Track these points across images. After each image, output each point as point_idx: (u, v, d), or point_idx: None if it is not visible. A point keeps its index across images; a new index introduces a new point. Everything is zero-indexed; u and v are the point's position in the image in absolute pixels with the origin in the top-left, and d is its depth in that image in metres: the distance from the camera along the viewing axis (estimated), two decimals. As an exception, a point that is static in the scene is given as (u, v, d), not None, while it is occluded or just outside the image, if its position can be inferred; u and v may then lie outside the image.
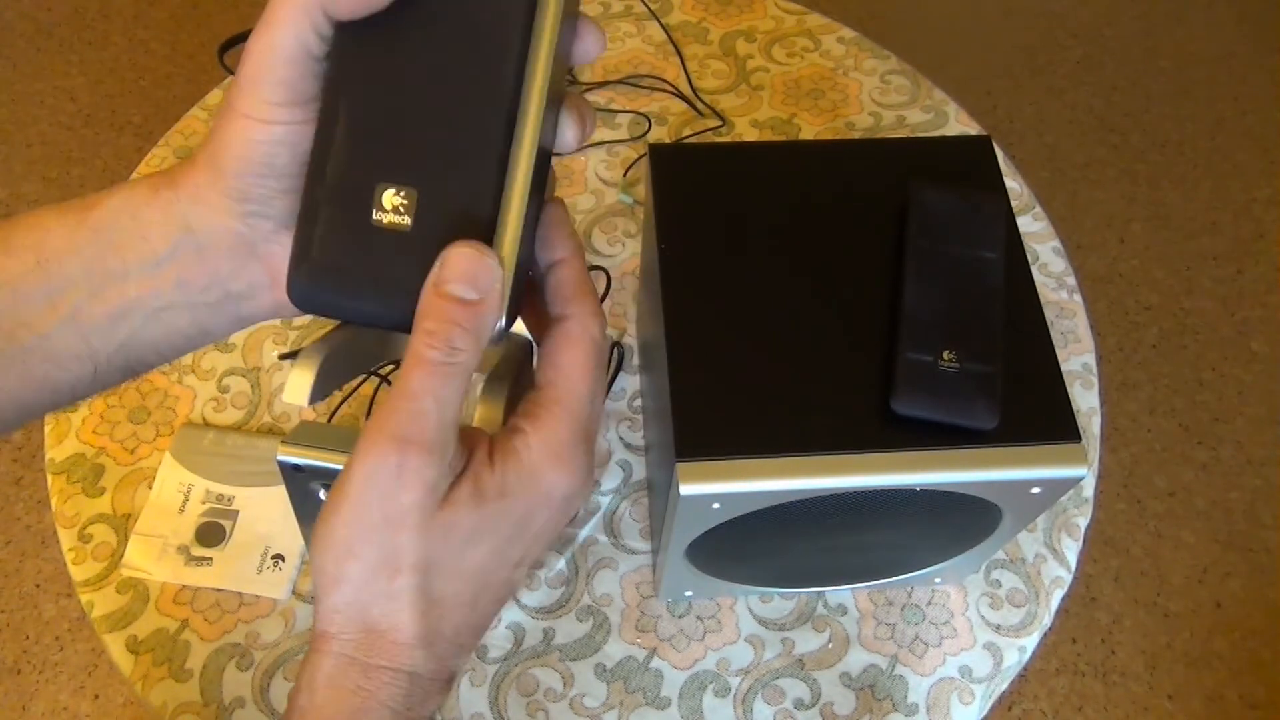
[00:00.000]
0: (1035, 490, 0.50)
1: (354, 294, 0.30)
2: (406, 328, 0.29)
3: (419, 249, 0.29)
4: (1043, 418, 0.50)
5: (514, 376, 0.35)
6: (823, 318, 0.52)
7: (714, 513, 0.50)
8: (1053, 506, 0.70)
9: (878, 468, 0.48)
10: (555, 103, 0.31)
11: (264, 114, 0.30)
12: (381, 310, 0.30)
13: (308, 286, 0.30)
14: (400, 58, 0.29)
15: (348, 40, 0.30)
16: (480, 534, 0.30)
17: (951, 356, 0.50)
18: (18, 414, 0.34)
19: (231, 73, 0.90)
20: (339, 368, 0.33)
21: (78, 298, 0.32)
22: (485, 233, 0.29)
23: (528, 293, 0.34)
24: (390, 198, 0.29)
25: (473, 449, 0.31)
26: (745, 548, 0.58)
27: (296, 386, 0.31)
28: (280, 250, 0.33)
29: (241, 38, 0.93)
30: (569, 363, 0.32)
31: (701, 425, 0.48)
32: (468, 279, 0.28)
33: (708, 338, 0.51)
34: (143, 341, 0.34)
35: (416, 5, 0.29)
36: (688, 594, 0.67)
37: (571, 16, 0.31)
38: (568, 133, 0.32)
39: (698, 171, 0.57)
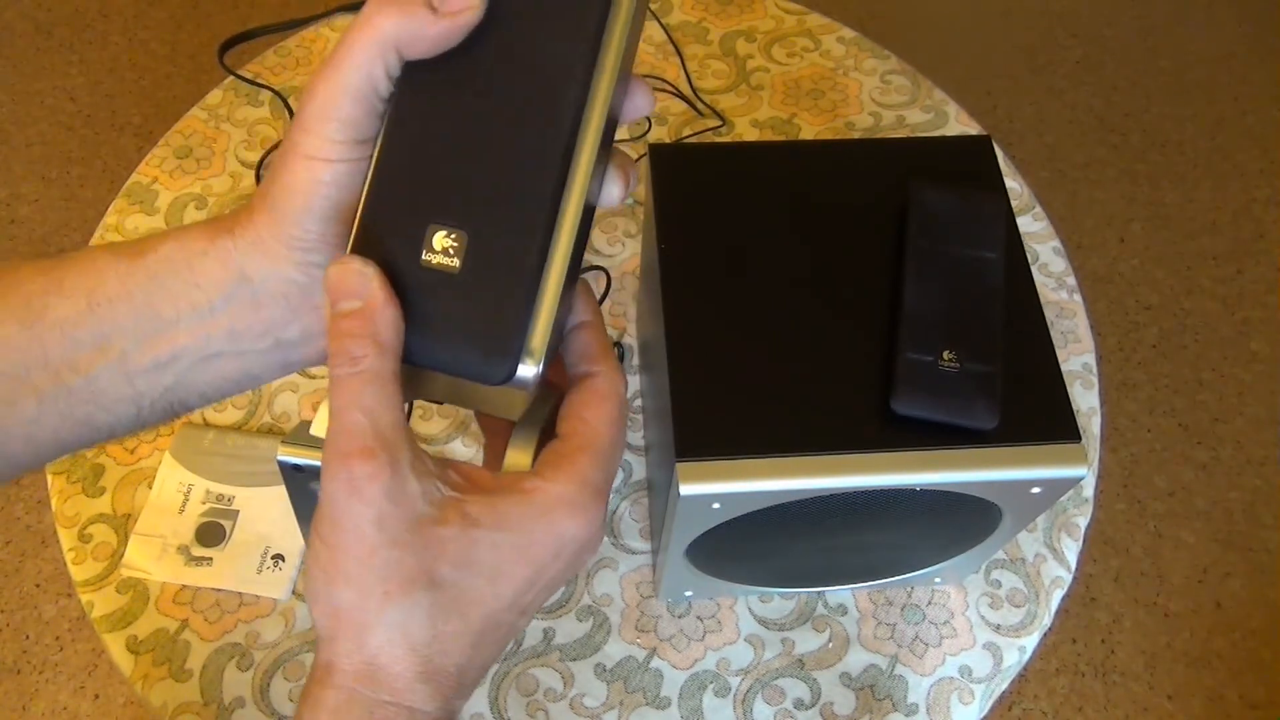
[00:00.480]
0: (1035, 490, 0.50)
1: (408, 339, 0.30)
2: (445, 370, 0.30)
3: (465, 292, 0.29)
4: (1043, 418, 0.50)
5: (544, 424, 0.35)
6: (823, 318, 0.52)
7: (714, 513, 0.50)
8: (1053, 506, 0.70)
9: (878, 468, 0.48)
10: (604, 158, 0.32)
11: (328, 152, 0.30)
12: (424, 349, 0.30)
13: None
14: (459, 99, 0.30)
15: (409, 76, 0.30)
16: (478, 563, 0.30)
17: (951, 356, 0.50)
18: (55, 450, 0.34)
19: (232, 73, 0.90)
20: None
21: (126, 343, 0.32)
22: (531, 281, 0.29)
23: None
24: (441, 239, 0.29)
25: (467, 475, 0.31)
26: (745, 548, 0.58)
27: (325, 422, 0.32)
28: None
29: (242, 38, 0.93)
30: (596, 417, 0.32)
31: (701, 425, 0.48)
32: (342, 292, 0.29)
33: (708, 338, 0.51)
34: (188, 386, 0.33)
35: (480, 46, 0.30)
36: (688, 594, 0.67)
37: (626, 73, 0.31)
38: (613, 189, 0.33)
39: (698, 171, 0.57)
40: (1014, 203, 0.85)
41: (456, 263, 0.29)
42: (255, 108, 0.90)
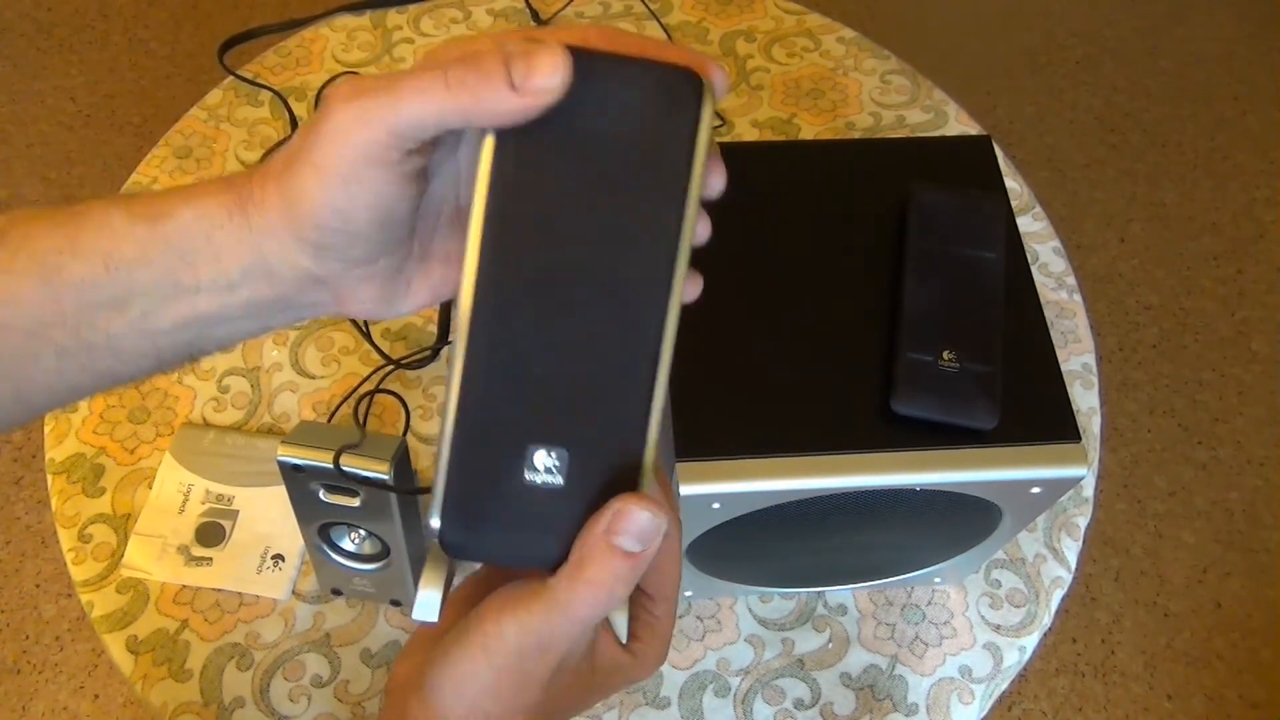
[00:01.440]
0: (1035, 490, 0.50)
1: (507, 543, 0.31)
2: (551, 568, 0.31)
3: (570, 503, 0.30)
4: (1043, 418, 0.50)
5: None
6: (823, 318, 0.52)
7: (714, 513, 0.50)
8: (1053, 506, 0.70)
9: (878, 468, 0.48)
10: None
11: (343, 170, 0.29)
12: (533, 557, 0.31)
13: (464, 538, 0.31)
14: (544, 294, 0.29)
15: (491, 219, 0.29)
16: (595, 689, 0.35)
17: (951, 356, 0.50)
18: (74, 397, 0.35)
19: (232, 73, 0.90)
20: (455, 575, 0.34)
21: (146, 305, 0.32)
22: (634, 479, 0.30)
23: None
24: (542, 458, 0.30)
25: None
26: (745, 548, 0.58)
27: (427, 604, 0.32)
28: (347, 281, 0.33)
29: (242, 38, 0.93)
30: (669, 572, 0.35)
31: (701, 425, 0.48)
32: (637, 534, 0.30)
33: (708, 338, 0.51)
34: (207, 339, 0.34)
35: (562, 212, 0.29)
36: (688, 594, 0.67)
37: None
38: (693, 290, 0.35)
39: (698, 171, 0.57)
40: (1014, 203, 0.85)
41: (560, 480, 0.30)
42: (255, 108, 0.90)
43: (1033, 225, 0.86)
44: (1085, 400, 0.77)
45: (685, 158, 0.29)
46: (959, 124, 0.91)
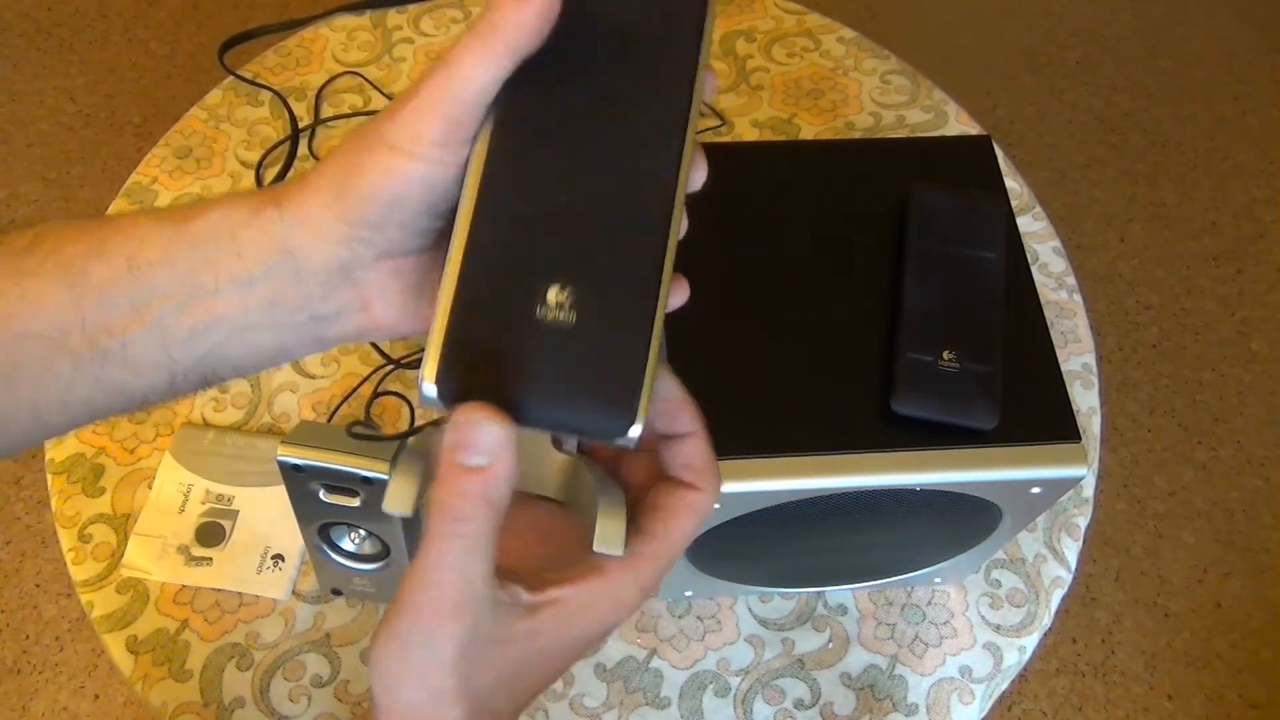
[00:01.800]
0: (1035, 490, 0.50)
1: (513, 390, 0.28)
2: (565, 429, 0.29)
3: (583, 348, 0.28)
4: (1043, 418, 0.50)
5: (591, 496, 0.34)
6: (823, 318, 0.52)
7: (714, 513, 0.50)
8: (1053, 506, 0.70)
9: (878, 468, 0.48)
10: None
11: (418, 150, 0.29)
12: (543, 411, 0.29)
13: (465, 378, 0.29)
14: (556, 137, 0.29)
15: (501, 103, 0.29)
16: (531, 669, 0.32)
17: (951, 356, 0.50)
18: (89, 416, 0.34)
19: (232, 73, 0.90)
20: (432, 470, 0.33)
21: (164, 308, 0.32)
22: (647, 333, 0.29)
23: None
24: (555, 294, 0.28)
25: (542, 582, 0.31)
26: (745, 548, 0.58)
27: (399, 495, 0.30)
28: (375, 278, 0.33)
29: (242, 38, 0.93)
30: (681, 529, 0.33)
31: (701, 425, 0.48)
32: (471, 446, 0.28)
33: (708, 338, 0.51)
34: (222, 356, 0.33)
35: (573, 67, 0.30)
36: (688, 594, 0.67)
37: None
38: (697, 177, 0.33)
39: (698, 171, 0.57)
40: (1014, 203, 0.85)
41: (573, 317, 0.28)
42: (255, 108, 0.90)
43: (1033, 225, 0.86)
44: (1085, 400, 0.77)
45: (695, 17, 0.30)
46: (959, 124, 0.91)
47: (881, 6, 2.02)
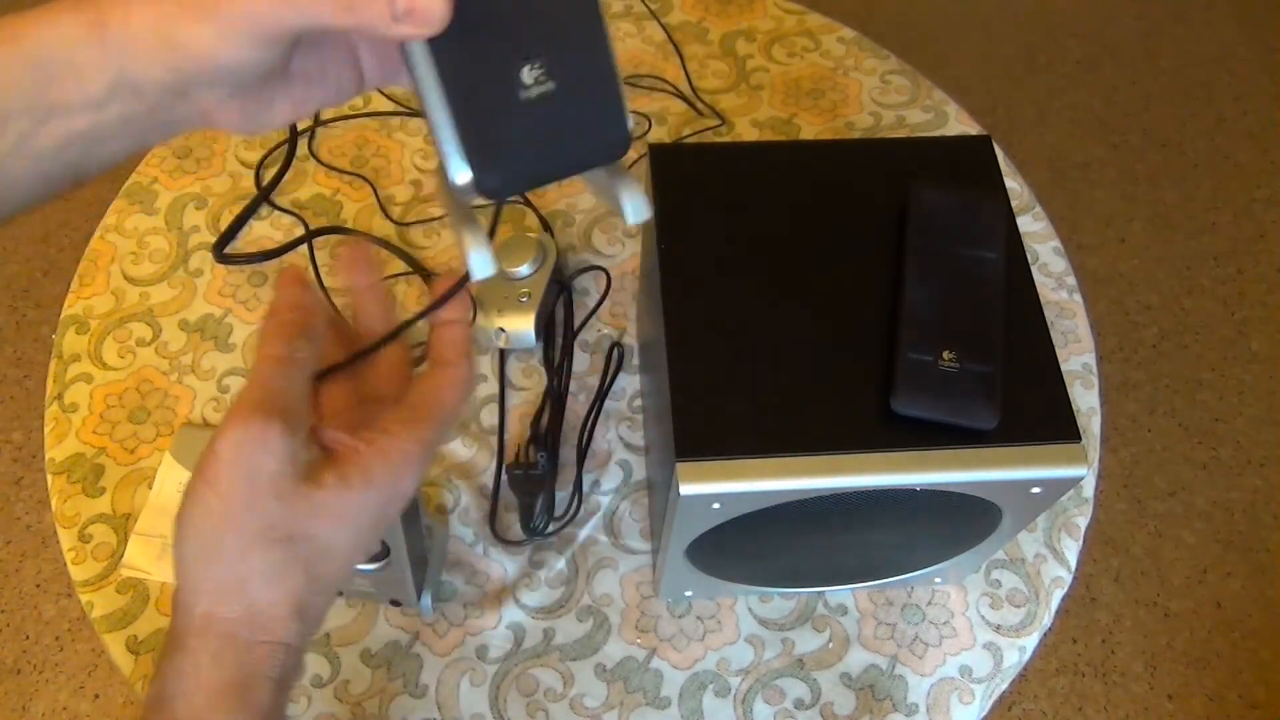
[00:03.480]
0: (1035, 490, 0.50)
1: (539, 160, 0.34)
2: (578, 167, 0.35)
3: (568, 100, 0.33)
4: (1043, 418, 0.50)
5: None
6: (823, 318, 0.52)
7: (714, 513, 0.50)
8: (1053, 506, 0.70)
9: (878, 468, 0.48)
10: None
11: (234, 37, 0.30)
12: (556, 161, 0.34)
13: (498, 173, 0.33)
14: None
15: None
16: (349, 518, 0.35)
17: (951, 356, 0.50)
18: None
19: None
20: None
21: (22, 127, 0.32)
22: (609, 69, 0.33)
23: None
24: (529, 73, 0.32)
25: (333, 442, 0.36)
26: (745, 548, 0.58)
27: (483, 259, 0.34)
28: (213, 99, 0.33)
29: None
30: (448, 399, 0.38)
31: (701, 425, 0.48)
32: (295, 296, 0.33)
33: (708, 338, 0.51)
34: (90, 159, 0.35)
35: None
36: (688, 594, 0.67)
37: None
38: None
39: (698, 172, 0.57)
40: (1014, 203, 0.85)
41: (552, 85, 0.33)
42: (255, 108, 0.90)
43: (1033, 225, 0.86)
44: (1085, 400, 0.77)
45: None
46: (959, 124, 0.91)
47: (881, 6, 2.02)
